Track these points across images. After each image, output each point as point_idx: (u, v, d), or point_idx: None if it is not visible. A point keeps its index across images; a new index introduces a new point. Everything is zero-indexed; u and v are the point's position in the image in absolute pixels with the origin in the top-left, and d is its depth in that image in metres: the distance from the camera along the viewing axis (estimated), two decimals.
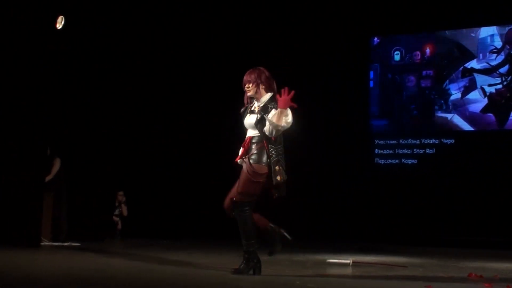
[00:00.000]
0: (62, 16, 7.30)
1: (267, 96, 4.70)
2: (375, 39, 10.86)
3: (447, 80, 10.30)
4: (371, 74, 10.81)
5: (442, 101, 10.32)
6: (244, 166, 4.58)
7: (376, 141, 10.63)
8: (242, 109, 4.81)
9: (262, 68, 4.78)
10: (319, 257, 6.62)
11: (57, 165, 8.04)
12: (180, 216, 10.25)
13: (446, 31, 10.39)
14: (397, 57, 10.66)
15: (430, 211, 9.85)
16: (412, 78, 10.56)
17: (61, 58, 7.65)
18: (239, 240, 4.62)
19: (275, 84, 4.77)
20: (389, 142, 10.54)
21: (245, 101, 4.81)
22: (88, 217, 8.34)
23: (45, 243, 7.36)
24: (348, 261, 5.80)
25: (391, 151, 10.50)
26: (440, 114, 10.32)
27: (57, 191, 7.98)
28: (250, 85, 4.70)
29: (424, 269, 5.58)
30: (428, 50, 10.48)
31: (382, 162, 10.55)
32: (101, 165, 8.68)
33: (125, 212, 9.70)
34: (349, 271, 5.34)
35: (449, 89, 10.28)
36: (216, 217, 10.56)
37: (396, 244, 8.98)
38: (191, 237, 9.63)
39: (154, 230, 9.38)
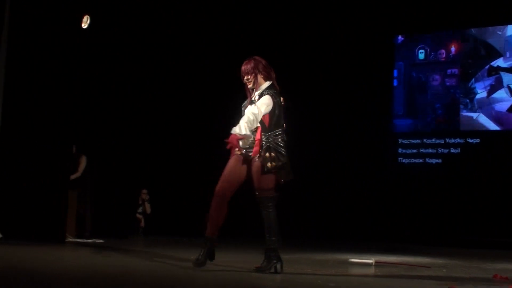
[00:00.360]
0: (87, 16, 7.38)
1: (265, 85, 4.66)
2: (399, 37, 10.77)
3: (473, 79, 10.17)
4: (395, 72, 10.72)
5: (468, 100, 10.20)
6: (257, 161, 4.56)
7: (400, 141, 10.55)
8: (244, 103, 4.75)
9: (257, 58, 4.73)
10: (341, 256, 6.59)
11: (83, 163, 8.15)
12: (202, 214, 10.28)
13: (472, 29, 10.25)
14: (421, 55, 10.56)
15: (454, 211, 9.74)
16: (437, 76, 10.45)
17: (88, 57, 7.73)
18: (260, 238, 4.62)
19: (273, 72, 4.73)
20: (413, 141, 10.45)
21: (248, 95, 4.76)
22: (112, 215, 8.44)
23: (70, 239, 7.46)
24: (370, 261, 5.77)
25: (415, 151, 10.41)
26: (465, 113, 10.19)
27: (82, 188, 8.09)
28: (249, 77, 4.66)
29: (447, 270, 5.52)
30: (453, 48, 10.36)
31: (406, 162, 10.47)
32: (125, 164, 8.76)
33: (148, 210, 9.79)
34: (371, 271, 5.31)
35: (474, 88, 10.14)
36: (237, 215, 10.63)
37: (419, 244, 8.91)
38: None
39: (176, 228, 9.45)
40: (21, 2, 7.08)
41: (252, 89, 4.71)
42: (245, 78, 4.68)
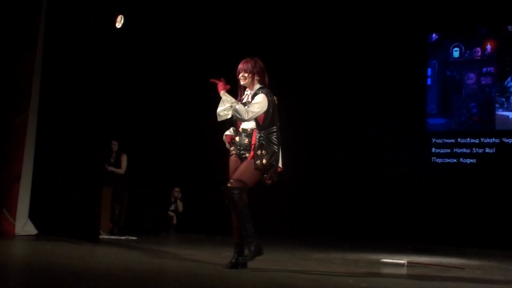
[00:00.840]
0: (121, 16, 7.47)
1: (257, 86, 4.65)
2: (433, 35, 10.62)
3: (509, 77, 9.97)
4: (429, 71, 10.58)
5: (504, 99, 10.00)
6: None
7: (433, 140, 10.40)
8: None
9: (257, 59, 4.71)
10: (372, 256, 6.55)
11: (125, 160, 8.29)
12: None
13: (509, 26, 10.04)
14: (456, 53, 10.39)
15: (488, 212, 9.57)
16: (472, 75, 10.27)
17: (126, 56, 7.82)
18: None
19: (267, 78, 4.71)
20: (446, 141, 10.30)
21: (239, 92, 4.75)
22: (145, 212, 8.54)
23: (104, 236, 7.57)
24: (403, 261, 5.71)
25: (448, 150, 10.26)
26: (501, 112, 10.00)
27: (116, 186, 8.21)
28: (246, 74, 4.64)
29: (482, 272, 5.43)
30: (489, 46, 10.17)
31: (439, 162, 10.32)
32: (159, 162, 8.86)
33: (180, 208, 9.87)
34: (403, 271, 5.26)
35: (510, 86, 9.94)
36: (269, 214, 10.65)
37: (452, 245, 8.78)
38: None
39: (208, 226, 9.50)
40: (57, 2, 7.20)
41: (244, 88, 4.71)
42: (241, 75, 4.66)
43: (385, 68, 10.53)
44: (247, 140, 4.60)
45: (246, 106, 4.55)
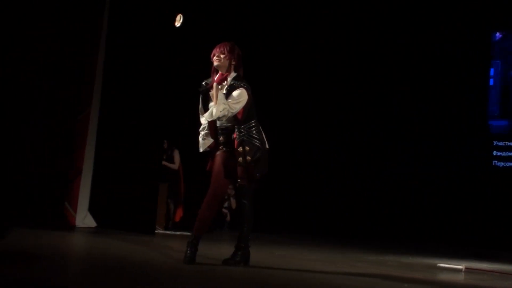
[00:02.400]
0: (180, 15, 7.58)
1: (233, 74, 4.41)
2: (497, 34, 10.29)
3: None
4: (492, 71, 10.26)
5: None
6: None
7: (495, 143, 10.09)
8: (203, 87, 4.45)
9: (235, 45, 4.46)
10: (429, 260, 6.41)
11: (177, 156, 8.43)
12: (287, 211, 10.35)
13: None
14: None
15: None
16: None
17: (179, 54, 7.94)
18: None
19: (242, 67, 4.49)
20: (509, 143, 9.97)
21: (213, 77, 4.43)
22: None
23: (159, 231, 7.72)
24: (460, 267, 5.57)
25: (510, 154, 9.93)
26: None
27: (171, 181, 8.35)
28: (222, 56, 4.36)
29: None
30: None
31: (501, 165, 10.01)
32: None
33: (234, 205, 9.94)
34: (461, 277, 5.13)
35: None
36: (323, 213, 10.61)
37: None
38: (298, 232, 9.69)
39: (262, 224, 9.52)
40: (119, 2, 7.38)
41: (216, 70, 4.44)
42: (217, 55, 4.38)
43: (447, 68, 10.29)
44: (229, 136, 4.40)
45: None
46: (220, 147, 4.47)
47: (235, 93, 4.32)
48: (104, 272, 3.66)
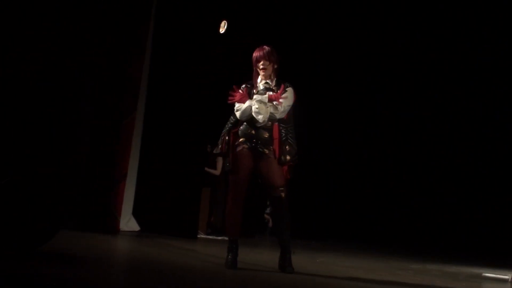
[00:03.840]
0: (225, 21, 7.64)
1: (275, 80, 4.43)
2: None
3: None
4: None
5: None
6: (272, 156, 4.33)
7: None
8: (243, 89, 4.44)
9: (273, 48, 4.45)
10: (473, 270, 6.27)
11: (220, 162, 8.48)
12: (329, 218, 10.29)
13: None
14: None
15: None
16: None
17: (225, 61, 7.99)
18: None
19: None
20: None
21: (255, 81, 4.45)
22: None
23: (201, 236, 7.78)
24: (507, 277, 5.43)
25: None
26: None
27: (213, 187, 8.41)
28: (268, 64, 4.38)
29: None
30: None
31: None
32: None
33: None
34: (507, 287, 5.00)
35: None
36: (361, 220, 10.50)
37: None
38: (343, 239, 9.63)
39: (305, 231, 9.50)
40: (165, 7, 7.48)
41: (257, 73, 4.44)
42: (262, 63, 4.39)
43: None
44: (267, 134, 4.37)
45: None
46: (240, 140, 4.40)
47: (287, 93, 4.35)
48: (145, 276, 3.71)
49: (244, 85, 4.52)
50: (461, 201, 10.07)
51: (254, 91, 4.43)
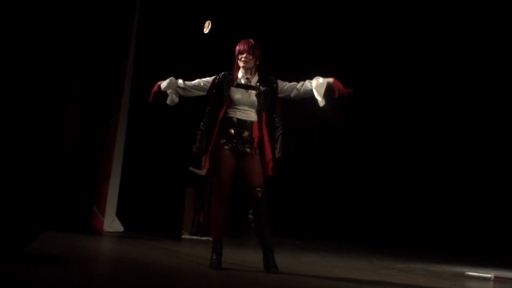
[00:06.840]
0: (209, 21, 7.64)
1: (256, 74, 4.41)
2: None
3: None
4: None
5: None
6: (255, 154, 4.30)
7: None
8: (218, 80, 4.43)
9: (257, 42, 4.44)
10: (457, 269, 6.33)
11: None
12: (314, 217, 10.31)
13: None
14: None
15: None
16: None
17: (210, 61, 7.98)
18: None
19: None
20: None
21: (235, 74, 4.41)
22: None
23: (186, 236, 7.76)
24: (489, 276, 5.49)
25: None
26: None
27: (198, 187, 8.39)
28: (250, 57, 4.36)
29: None
30: None
31: None
32: None
33: None
34: (489, 286, 5.05)
35: None
36: (351, 220, 10.54)
37: None
38: (327, 239, 9.65)
39: (288, 230, 9.52)
40: (148, 10, 7.46)
41: (238, 67, 4.41)
42: (245, 56, 4.36)
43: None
44: (247, 133, 4.34)
45: (259, 90, 4.32)
46: (222, 141, 4.36)
47: (280, 82, 4.39)
48: (130, 276, 3.70)
49: (223, 73, 4.48)
50: (444, 202, 10.15)
51: (234, 84, 4.39)
